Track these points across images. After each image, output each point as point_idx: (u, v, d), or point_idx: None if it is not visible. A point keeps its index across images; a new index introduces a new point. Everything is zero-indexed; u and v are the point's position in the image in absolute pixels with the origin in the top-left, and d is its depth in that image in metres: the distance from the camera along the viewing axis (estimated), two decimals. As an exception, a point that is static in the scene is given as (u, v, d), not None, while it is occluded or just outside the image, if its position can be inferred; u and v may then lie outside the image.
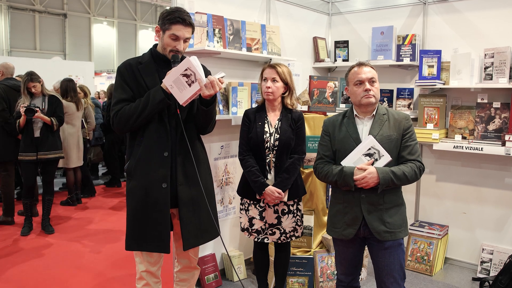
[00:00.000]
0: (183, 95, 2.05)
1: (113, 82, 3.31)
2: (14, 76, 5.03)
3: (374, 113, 2.22)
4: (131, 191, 2.18)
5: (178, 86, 2.04)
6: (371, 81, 2.17)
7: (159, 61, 2.19)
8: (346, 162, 2.17)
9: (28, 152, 4.35)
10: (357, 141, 2.19)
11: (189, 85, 2.03)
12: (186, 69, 2.02)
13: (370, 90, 2.15)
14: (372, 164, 2.12)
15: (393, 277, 2.18)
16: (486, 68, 3.29)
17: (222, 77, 2.12)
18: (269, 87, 2.64)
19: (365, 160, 2.14)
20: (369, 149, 2.13)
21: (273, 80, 2.65)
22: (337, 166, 2.20)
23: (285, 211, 2.74)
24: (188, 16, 2.11)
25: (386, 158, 2.12)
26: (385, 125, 2.18)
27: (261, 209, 2.74)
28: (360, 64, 2.21)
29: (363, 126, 2.23)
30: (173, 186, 2.16)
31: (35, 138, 4.37)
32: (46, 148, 4.40)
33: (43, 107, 4.39)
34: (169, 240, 2.16)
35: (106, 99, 7.53)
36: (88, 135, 6.06)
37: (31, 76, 4.36)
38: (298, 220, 2.79)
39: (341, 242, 2.29)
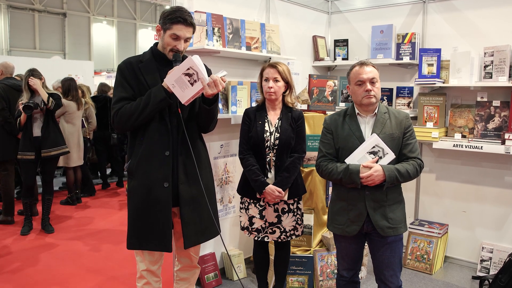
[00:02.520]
0: (185, 94, 2.05)
1: (113, 81, 3.28)
2: (14, 76, 5.03)
3: (375, 111, 2.25)
4: (133, 190, 2.18)
5: (180, 85, 2.03)
6: (372, 81, 2.18)
7: (160, 60, 2.19)
8: (351, 160, 2.19)
9: (27, 151, 4.34)
10: (361, 139, 2.21)
11: (191, 84, 2.03)
12: (188, 68, 2.01)
13: (370, 90, 2.16)
14: (377, 162, 2.15)
15: (393, 270, 2.25)
16: (485, 66, 3.29)
17: (224, 76, 2.12)
18: (271, 87, 2.64)
19: (369, 158, 2.16)
20: (374, 147, 2.15)
21: (275, 80, 2.64)
22: (341, 164, 2.21)
23: (285, 210, 2.74)
24: (189, 16, 2.12)
25: (390, 156, 2.15)
26: (387, 124, 2.21)
27: (261, 208, 2.74)
28: (362, 64, 2.22)
29: (365, 125, 2.25)
30: (174, 185, 2.16)
31: (34, 138, 4.36)
32: (48, 145, 4.39)
33: (43, 105, 4.37)
34: (171, 239, 2.17)
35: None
36: (88, 135, 6.05)
37: (32, 72, 4.36)
38: (298, 219, 2.79)
39: (344, 238, 2.31)
